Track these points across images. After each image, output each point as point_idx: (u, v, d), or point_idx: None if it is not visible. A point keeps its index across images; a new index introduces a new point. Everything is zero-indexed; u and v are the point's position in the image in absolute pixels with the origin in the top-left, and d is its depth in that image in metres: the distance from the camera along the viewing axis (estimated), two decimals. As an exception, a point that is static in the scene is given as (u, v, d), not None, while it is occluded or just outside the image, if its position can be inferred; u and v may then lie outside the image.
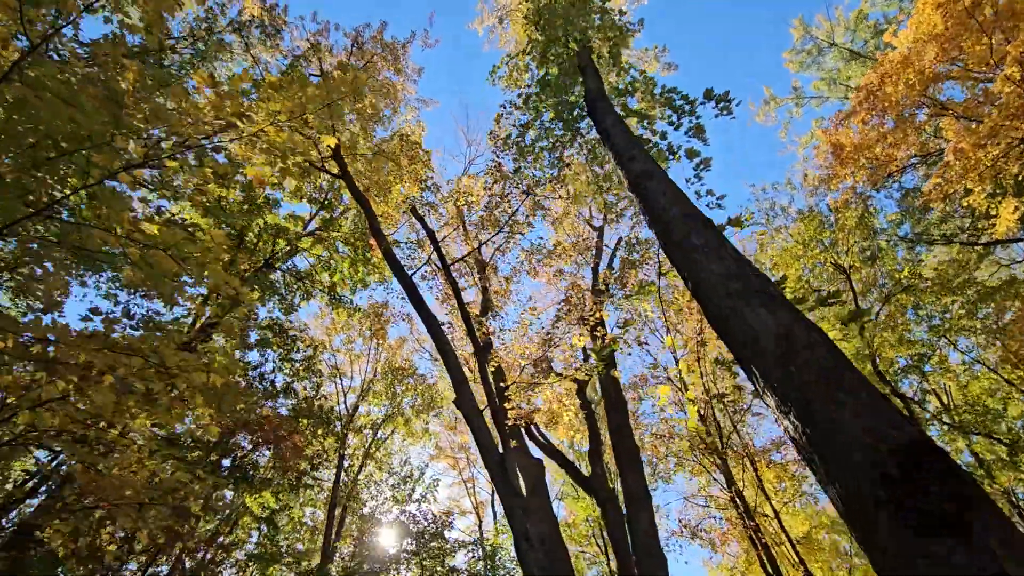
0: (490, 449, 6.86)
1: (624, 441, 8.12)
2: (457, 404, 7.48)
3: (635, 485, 7.54)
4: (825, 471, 1.73)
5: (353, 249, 13.88)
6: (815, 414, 1.78)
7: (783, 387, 1.92)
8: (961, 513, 1.38)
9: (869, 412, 1.70)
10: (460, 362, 8.02)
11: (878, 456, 1.58)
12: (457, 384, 7.65)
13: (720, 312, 2.36)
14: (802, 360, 1.92)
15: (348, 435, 18.30)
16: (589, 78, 5.78)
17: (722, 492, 15.56)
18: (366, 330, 22.11)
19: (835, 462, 1.68)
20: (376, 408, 20.55)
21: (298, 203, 15.55)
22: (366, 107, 13.66)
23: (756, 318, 2.16)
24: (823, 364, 1.90)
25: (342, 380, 21.52)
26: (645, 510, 7.29)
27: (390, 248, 9.57)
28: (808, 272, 17.04)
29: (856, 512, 1.61)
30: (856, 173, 13.51)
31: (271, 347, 14.58)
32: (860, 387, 1.79)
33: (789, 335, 2.03)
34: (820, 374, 1.86)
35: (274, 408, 15.54)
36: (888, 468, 1.53)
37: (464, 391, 7.52)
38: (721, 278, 2.45)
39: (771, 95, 19.74)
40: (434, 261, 10.49)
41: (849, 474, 1.62)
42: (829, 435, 1.72)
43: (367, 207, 10.93)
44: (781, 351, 1.98)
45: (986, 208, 13.14)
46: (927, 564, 1.38)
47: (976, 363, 15.85)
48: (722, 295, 2.39)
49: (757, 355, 2.06)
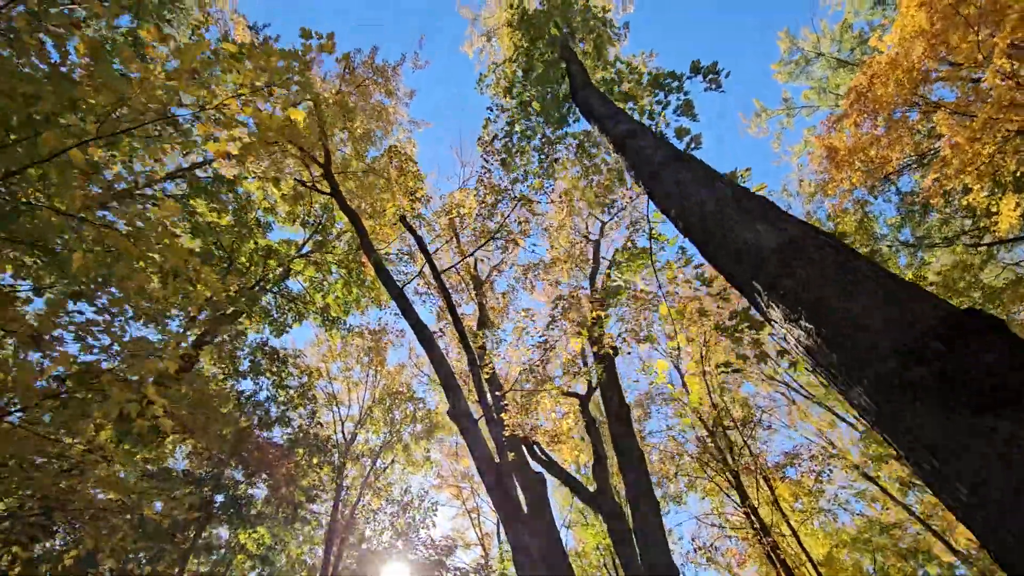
0: (486, 460, 6.48)
1: (628, 446, 7.70)
2: (450, 414, 7.12)
3: (641, 490, 7.10)
4: (847, 372, 1.43)
5: (347, 271, 13.68)
6: (830, 310, 1.50)
7: (791, 292, 1.64)
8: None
9: (895, 295, 1.42)
10: (453, 371, 7.69)
11: (912, 336, 1.28)
12: (450, 393, 7.31)
13: (714, 235, 2.09)
14: (810, 258, 1.64)
15: (346, 464, 17.73)
16: (573, 66, 5.66)
17: (736, 511, 14.91)
18: (364, 356, 21.74)
19: (858, 358, 1.38)
20: (375, 437, 19.99)
21: (292, 230, 15.45)
22: (356, 128, 13.70)
23: (756, 233, 1.88)
24: (836, 259, 1.63)
25: (340, 409, 21.03)
26: (653, 516, 6.84)
27: (380, 260, 9.36)
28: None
29: (891, 410, 1.31)
30: (852, 176, 13.38)
31: (264, 374, 14.23)
32: (880, 273, 1.51)
33: (794, 240, 1.75)
34: (834, 268, 1.58)
35: (268, 438, 15.09)
36: (926, 347, 1.23)
37: (457, 400, 7.18)
38: (715, 203, 2.18)
39: (762, 107, 19.86)
40: (426, 274, 10.25)
41: (879, 365, 1.33)
42: (849, 329, 1.43)
43: (357, 222, 10.79)
44: (786, 255, 1.71)
45: (987, 206, 12.96)
46: (992, 444, 1.09)
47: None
48: (716, 219, 2.12)
49: (758, 267, 1.78)
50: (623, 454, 7.70)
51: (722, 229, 2.05)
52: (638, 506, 6.94)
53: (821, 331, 1.50)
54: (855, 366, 1.38)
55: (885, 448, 13.94)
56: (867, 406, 1.38)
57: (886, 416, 1.31)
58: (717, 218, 2.12)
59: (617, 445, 7.94)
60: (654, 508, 6.97)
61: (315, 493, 15.61)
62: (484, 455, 6.55)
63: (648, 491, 7.18)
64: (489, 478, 6.21)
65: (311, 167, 12.33)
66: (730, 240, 1.97)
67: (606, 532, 20.42)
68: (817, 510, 15.64)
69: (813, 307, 1.55)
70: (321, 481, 15.85)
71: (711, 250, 2.16)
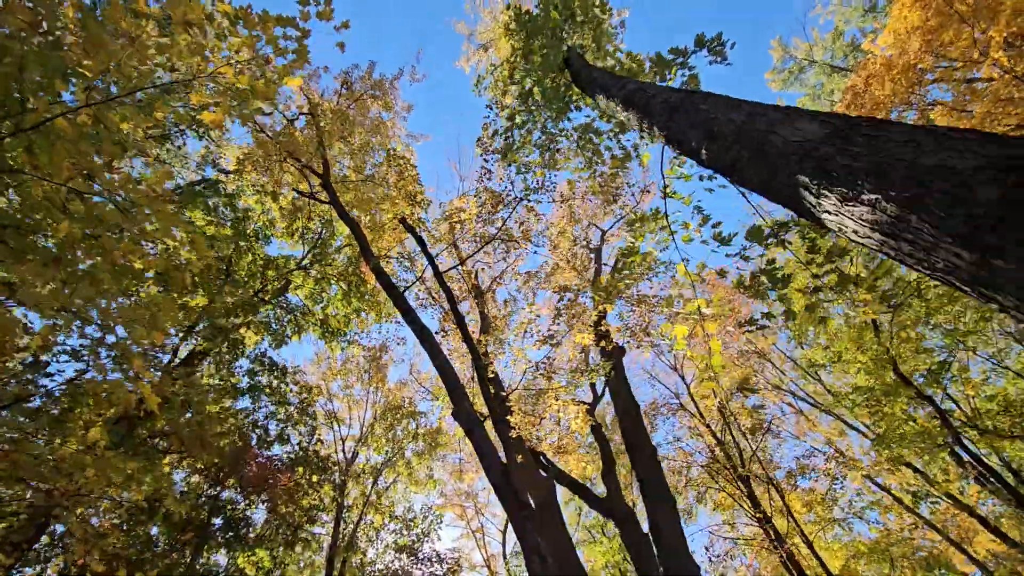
0: (493, 460, 6.24)
1: (640, 443, 7.44)
2: (455, 415, 6.90)
3: (655, 486, 6.82)
4: (930, 229, 1.26)
5: (347, 284, 13.54)
6: (897, 169, 1.33)
7: (846, 169, 1.48)
8: None
9: (968, 143, 1.25)
10: (457, 374, 7.48)
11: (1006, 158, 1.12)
12: (454, 395, 7.10)
13: (750, 142, 1.93)
14: (865, 134, 1.49)
15: (347, 483, 17.30)
16: (573, 52, 5.60)
17: (749, 523, 14.50)
18: (364, 373, 21.44)
19: (944, 206, 1.21)
20: (377, 455, 19.57)
21: (291, 245, 15.34)
22: (354, 140, 13.70)
23: (798, 130, 1.73)
24: (894, 132, 1.46)
25: (340, 428, 20.65)
26: (669, 512, 6.55)
27: (379, 265, 9.23)
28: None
29: (995, 251, 1.13)
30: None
31: (263, 391, 13.95)
32: (942, 131, 1.35)
33: (841, 128, 1.60)
34: (896, 135, 1.42)
35: (269, 458, 14.72)
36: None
37: (461, 401, 6.96)
38: (745, 115, 2.03)
39: (757, 116, 19.99)
40: (427, 278, 10.10)
41: (973, 205, 1.16)
42: (926, 179, 1.26)
43: (356, 229, 10.69)
44: (837, 137, 1.55)
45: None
46: None
47: (1002, 367, 15.13)
48: (749, 128, 1.96)
49: (805, 157, 1.62)
50: (635, 451, 7.44)
51: (758, 136, 1.90)
52: (653, 503, 6.66)
53: (890, 194, 1.34)
54: (939, 220, 1.22)
55: (894, 452, 13.58)
56: (959, 262, 1.21)
57: (986, 265, 1.14)
58: (750, 128, 1.97)
59: (628, 443, 7.68)
60: (670, 504, 6.69)
61: (316, 513, 15.17)
62: (491, 455, 6.32)
63: (663, 487, 6.90)
64: (497, 477, 5.97)
65: (310, 178, 12.28)
66: (768, 145, 1.82)
67: (615, 549, 19.85)
68: (831, 520, 15.22)
69: (877, 174, 1.39)
70: (322, 501, 15.43)
71: (744, 164, 2.01)
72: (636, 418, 8.12)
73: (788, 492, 16.03)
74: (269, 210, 15.05)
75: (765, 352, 20.40)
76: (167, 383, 7.03)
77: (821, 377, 20.86)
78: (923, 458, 15.13)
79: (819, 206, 1.66)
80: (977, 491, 19.24)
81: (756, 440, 15.55)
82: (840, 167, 1.51)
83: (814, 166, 1.61)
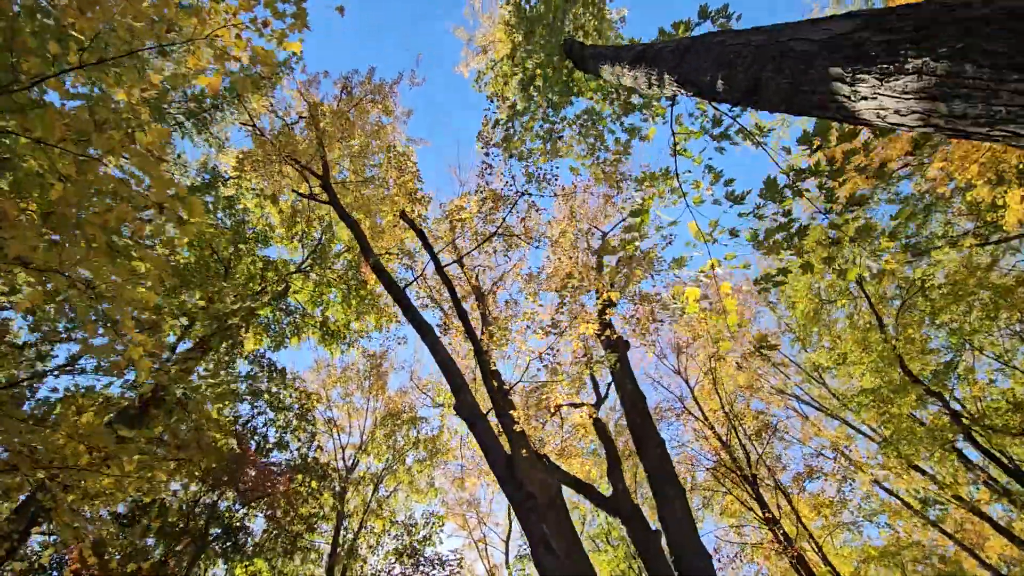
0: (497, 452, 6.09)
1: (647, 434, 7.27)
2: (457, 408, 6.75)
3: (664, 476, 6.64)
4: (992, 72, 1.15)
5: (346, 287, 13.43)
6: (945, 21, 1.22)
7: (887, 43, 1.37)
8: None
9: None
10: (459, 368, 7.35)
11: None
12: (456, 388, 6.97)
13: (772, 58, 1.82)
14: (903, 10, 1.39)
15: (348, 490, 17.02)
16: (573, 42, 5.56)
17: (756, 528, 14.24)
18: (365, 380, 21.25)
19: (1005, 37, 1.11)
20: (378, 463, 19.31)
21: (290, 250, 15.26)
22: (354, 143, 13.68)
23: (826, 30, 1.62)
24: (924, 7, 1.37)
25: (340, 436, 20.39)
26: (679, 501, 6.37)
27: (379, 261, 9.14)
28: (818, 287, 16.55)
29: None
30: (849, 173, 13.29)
31: (262, 396, 13.77)
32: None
33: (877, 15, 1.50)
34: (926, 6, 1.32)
35: (267, 464, 14.50)
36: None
37: (464, 395, 6.82)
38: (764, 36, 1.93)
39: (755, 118, 20.02)
40: (428, 276, 10.00)
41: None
42: (982, 22, 1.15)
43: (356, 228, 10.62)
44: (873, 21, 1.45)
45: (992, 200, 12.85)
46: None
47: (1010, 367, 14.94)
48: (769, 45, 1.86)
49: (838, 48, 1.51)
50: (643, 444, 7.27)
51: (781, 47, 1.81)
52: (662, 496, 6.48)
53: (940, 51, 1.24)
54: (1001, 58, 1.11)
55: (904, 452, 13.34)
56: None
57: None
58: (771, 42, 1.87)
59: (636, 435, 7.51)
60: (680, 493, 6.51)
61: (315, 522, 14.91)
62: (495, 447, 6.16)
63: (672, 479, 6.72)
64: (501, 469, 5.81)
65: (309, 180, 12.22)
66: (793, 53, 1.72)
67: (621, 557, 19.49)
68: (839, 525, 14.94)
69: (923, 38, 1.29)
70: (322, 509, 15.17)
71: (766, 83, 1.91)
72: (643, 410, 7.95)
73: (795, 496, 15.78)
74: (268, 215, 15.01)
75: (770, 356, 20.22)
76: (161, 375, 6.89)
77: (826, 381, 20.68)
78: (932, 459, 14.87)
79: (855, 95, 1.55)
80: (988, 495, 18.97)
81: (762, 442, 15.34)
82: (878, 44, 1.42)
83: (848, 53, 1.51)
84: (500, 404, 6.89)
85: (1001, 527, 16.04)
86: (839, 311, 19.24)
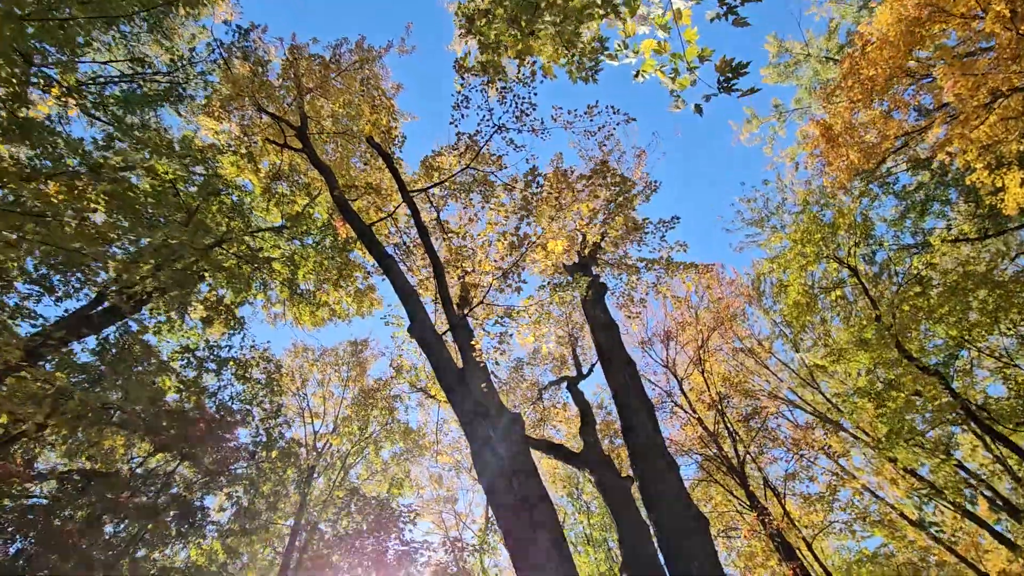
0: (448, 368, 5.47)
1: (614, 351, 6.63)
2: (410, 329, 6.16)
3: (632, 389, 5.98)
4: None
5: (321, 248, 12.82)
6: None
7: None
8: None
9: None
10: (416, 293, 6.77)
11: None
12: (411, 313, 6.41)
13: None
14: None
15: (315, 470, 16.15)
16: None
17: (745, 517, 13.43)
18: (343, 366, 20.52)
19: None
20: (349, 445, 18.46)
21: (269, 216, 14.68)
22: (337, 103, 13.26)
23: None
24: None
25: (315, 423, 19.56)
26: (648, 418, 5.70)
27: (342, 195, 8.67)
28: (814, 276, 16.05)
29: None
30: (849, 154, 12.90)
31: (226, 365, 13.05)
32: None
33: None
34: None
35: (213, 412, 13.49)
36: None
37: (417, 315, 6.24)
38: None
39: (753, 114, 19.79)
40: (398, 219, 9.44)
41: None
42: None
43: (328, 174, 10.14)
44: None
45: (991, 182, 12.45)
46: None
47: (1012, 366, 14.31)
48: None
49: None
50: (610, 362, 6.62)
51: None
52: (629, 406, 5.82)
53: None
54: None
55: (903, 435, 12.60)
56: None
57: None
58: None
59: (603, 355, 6.87)
60: (649, 409, 5.84)
61: (276, 500, 14.06)
62: (447, 364, 5.56)
63: (641, 392, 6.05)
64: (451, 380, 5.21)
65: (284, 130, 11.74)
66: None
67: (601, 559, 18.52)
68: (830, 524, 14.12)
69: None
70: (286, 488, 14.34)
71: None
72: (614, 335, 7.29)
73: (784, 496, 14.99)
74: (247, 183, 14.47)
75: (756, 352, 19.59)
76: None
77: (820, 387, 20.01)
78: (928, 453, 14.07)
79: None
80: (987, 507, 18.13)
81: (751, 430, 14.62)
82: None
83: None
84: (455, 320, 6.28)
85: (1002, 536, 15.25)
86: (833, 309, 18.72)
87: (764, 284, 20.12)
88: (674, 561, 5.29)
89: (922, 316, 13.94)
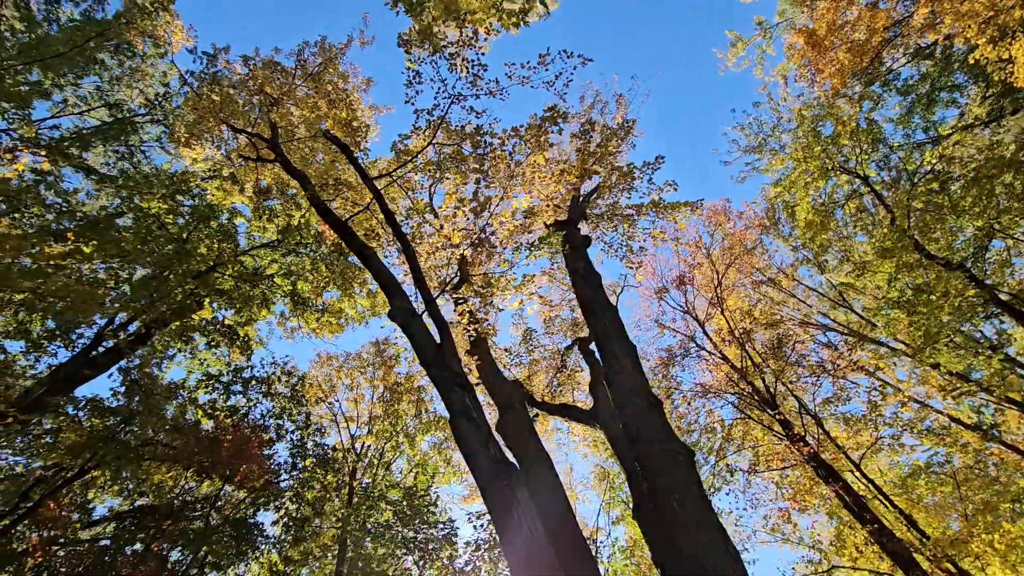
0: (428, 346, 5.37)
1: (598, 300, 6.43)
2: (391, 315, 6.06)
3: (613, 334, 5.79)
4: None
5: (315, 255, 12.84)
6: None
7: None
8: None
9: None
10: (394, 277, 6.67)
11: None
12: (390, 295, 6.30)
13: None
14: None
15: (358, 471, 16.48)
16: None
17: (781, 446, 13.17)
18: (369, 368, 20.77)
19: None
20: (384, 443, 18.76)
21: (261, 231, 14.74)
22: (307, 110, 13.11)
23: None
24: None
25: (351, 427, 19.93)
26: (627, 356, 5.52)
27: (315, 193, 8.56)
28: (819, 194, 15.39)
29: None
30: (839, 57, 12.18)
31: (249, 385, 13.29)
32: None
33: None
34: None
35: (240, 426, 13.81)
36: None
37: (396, 300, 6.15)
38: None
39: (737, 37, 18.87)
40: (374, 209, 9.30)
41: None
42: None
43: (304, 180, 10.04)
44: None
45: (996, 57, 11.59)
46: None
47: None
48: None
49: None
50: (592, 310, 6.42)
51: None
52: (609, 351, 5.64)
53: None
54: None
55: (940, 343, 12.05)
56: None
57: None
58: None
59: (584, 304, 6.67)
60: (629, 350, 5.65)
61: (321, 506, 14.39)
62: (426, 342, 5.44)
63: (621, 333, 5.85)
64: (429, 356, 5.11)
65: (257, 144, 11.67)
66: None
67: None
68: (876, 442, 13.71)
69: None
70: (327, 492, 14.65)
71: None
72: (595, 282, 7.04)
73: (825, 420, 14.60)
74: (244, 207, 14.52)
75: (778, 281, 19.02)
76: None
77: (852, 305, 19.34)
78: (973, 361, 13.46)
79: None
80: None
81: (781, 358, 14.23)
82: None
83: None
84: (430, 295, 6.17)
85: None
86: (854, 223, 17.91)
87: (777, 210, 19.40)
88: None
89: (946, 211, 13.19)
